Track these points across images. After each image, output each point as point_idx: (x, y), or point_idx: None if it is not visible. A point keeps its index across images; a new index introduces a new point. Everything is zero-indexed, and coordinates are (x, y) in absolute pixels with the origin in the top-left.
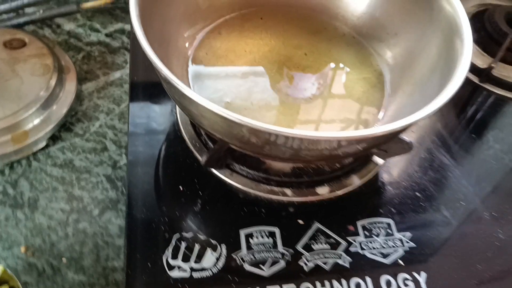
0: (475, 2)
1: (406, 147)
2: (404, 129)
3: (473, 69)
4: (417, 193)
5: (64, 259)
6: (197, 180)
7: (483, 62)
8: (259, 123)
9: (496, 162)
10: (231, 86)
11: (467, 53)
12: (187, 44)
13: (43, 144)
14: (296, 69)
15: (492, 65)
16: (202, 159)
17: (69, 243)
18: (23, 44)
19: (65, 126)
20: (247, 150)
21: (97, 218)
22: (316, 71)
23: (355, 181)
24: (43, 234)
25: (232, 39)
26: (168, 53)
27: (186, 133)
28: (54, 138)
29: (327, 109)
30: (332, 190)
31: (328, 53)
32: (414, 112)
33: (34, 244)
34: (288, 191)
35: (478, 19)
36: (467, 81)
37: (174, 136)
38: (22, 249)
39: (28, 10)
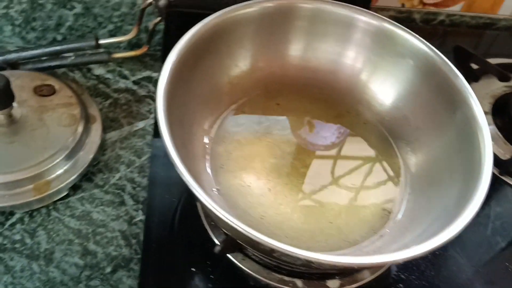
0: (501, 84)
1: None
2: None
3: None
4: None
5: None
6: (210, 262)
7: (505, 151)
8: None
9: None
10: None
11: (487, 172)
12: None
13: (64, 193)
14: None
15: None
16: (216, 248)
17: None
18: (53, 92)
19: (86, 176)
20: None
21: (108, 276)
22: None
23: (366, 276)
24: None
25: (255, 121)
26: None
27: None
28: (74, 188)
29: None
30: (342, 284)
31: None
32: (430, 215)
33: None
34: (299, 282)
35: (503, 102)
36: None
37: (189, 208)
38: None
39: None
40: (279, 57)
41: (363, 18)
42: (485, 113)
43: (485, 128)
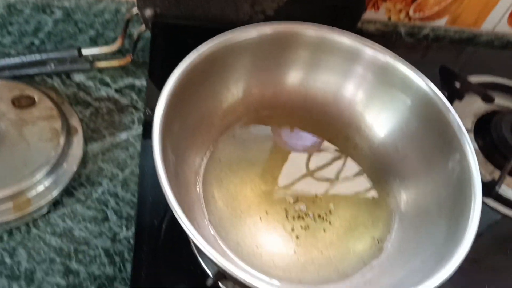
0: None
1: None
2: None
3: None
4: None
5: None
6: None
7: (485, 171)
8: None
9: None
10: None
11: (475, 221)
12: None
13: (45, 211)
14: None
15: (496, 178)
16: (209, 280)
17: None
18: (32, 102)
19: (67, 190)
20: None
21: None
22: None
23: None
24: None
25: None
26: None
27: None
28: (55, 203)
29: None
30: None
31: None
32: (419, 249)
33: None
34: None
35: (486, 120)
36: None
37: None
38: None
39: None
40: (274, 84)
41: (369, 51)
42: (468, 130)
43: (477, 181)
